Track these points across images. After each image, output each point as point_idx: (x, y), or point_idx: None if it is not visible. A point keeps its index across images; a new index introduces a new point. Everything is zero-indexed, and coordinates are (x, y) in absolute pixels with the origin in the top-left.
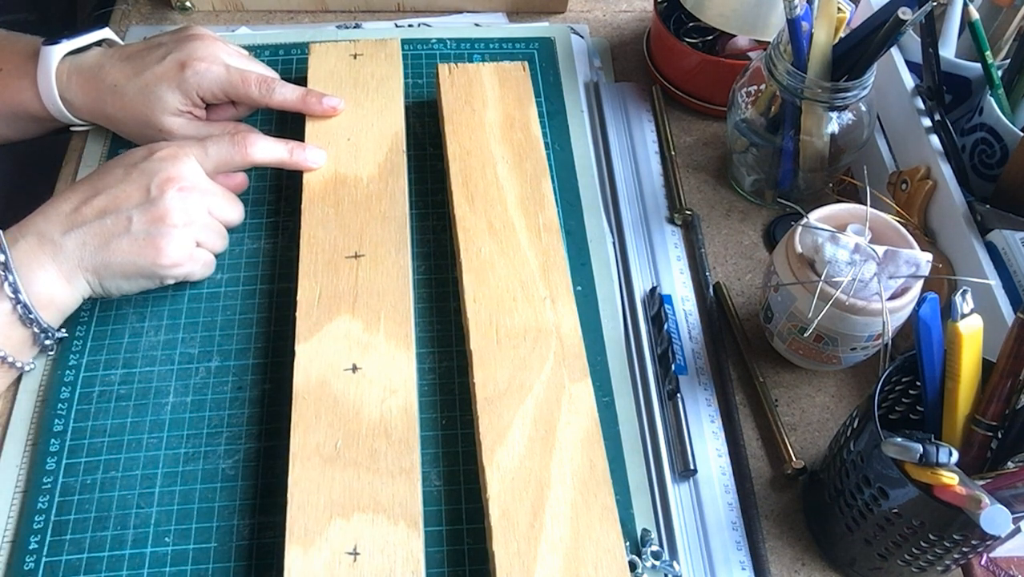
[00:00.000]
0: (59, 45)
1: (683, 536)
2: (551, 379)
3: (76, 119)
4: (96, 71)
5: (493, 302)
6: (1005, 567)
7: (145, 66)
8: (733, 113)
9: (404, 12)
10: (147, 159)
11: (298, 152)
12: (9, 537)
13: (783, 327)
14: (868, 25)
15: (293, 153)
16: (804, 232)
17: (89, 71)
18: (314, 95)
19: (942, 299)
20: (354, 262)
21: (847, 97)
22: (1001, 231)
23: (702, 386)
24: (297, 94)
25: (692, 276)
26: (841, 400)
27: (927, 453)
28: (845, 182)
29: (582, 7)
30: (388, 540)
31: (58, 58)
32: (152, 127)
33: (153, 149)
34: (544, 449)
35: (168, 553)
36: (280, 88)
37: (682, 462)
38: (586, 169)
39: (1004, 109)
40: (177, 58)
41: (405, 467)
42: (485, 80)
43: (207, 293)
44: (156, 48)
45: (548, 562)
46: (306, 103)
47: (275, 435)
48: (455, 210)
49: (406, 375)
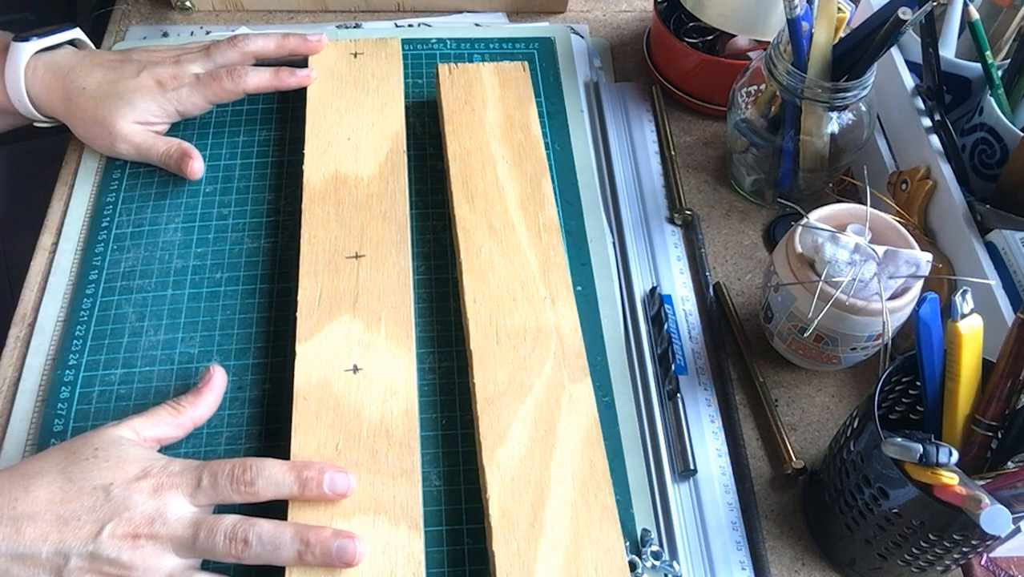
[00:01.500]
0: (30, 43)
1: (683, 536)
2: (551, 379)
3: (39, 115)
4: (67, 72)
5: (493, 302)
6: (1005, 567)
7: (120, 77)
8: (733, 113)
9: (404, 12)
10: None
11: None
12: None
13: (783, 327)
14: (868, 25)
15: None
16: (804, 232)
17: (59, 70)
18: (285, 71)
19: (942, 299)
20: (354, 262)
21: (847, 97)
22: (1001, 231)
23: (702, 386)
24: (268, 74)
25: (692, 276)
26: (841, 400)
27: (927, 453)
28: (845, 182)
29: (582, 7)
30: (389, 541)
31: (28, 55)
32: (106, 128)
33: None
34: (544, 449)
35: None
36: (252, 74)
37: (682, 462)
38: (586, 169)
39: (1004, 109)
40: (153, 75)
41: (406, 468)
42: (485, 80)
43: (207, 293)
44: (128, 63)
45: (548, 562)
46: (280, 79)
47: (275, 435)
48: (455, 210)
49: (407, 376)
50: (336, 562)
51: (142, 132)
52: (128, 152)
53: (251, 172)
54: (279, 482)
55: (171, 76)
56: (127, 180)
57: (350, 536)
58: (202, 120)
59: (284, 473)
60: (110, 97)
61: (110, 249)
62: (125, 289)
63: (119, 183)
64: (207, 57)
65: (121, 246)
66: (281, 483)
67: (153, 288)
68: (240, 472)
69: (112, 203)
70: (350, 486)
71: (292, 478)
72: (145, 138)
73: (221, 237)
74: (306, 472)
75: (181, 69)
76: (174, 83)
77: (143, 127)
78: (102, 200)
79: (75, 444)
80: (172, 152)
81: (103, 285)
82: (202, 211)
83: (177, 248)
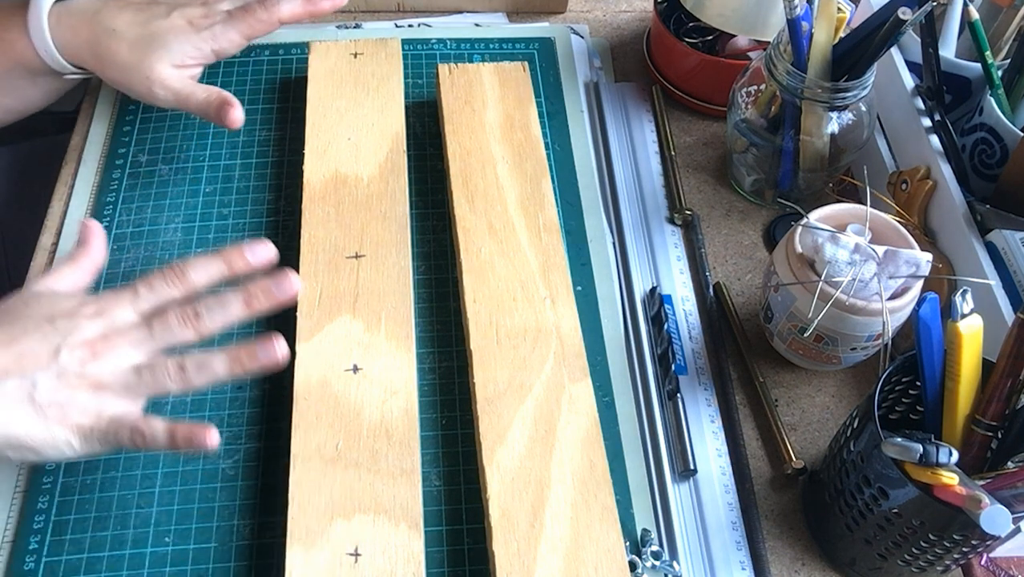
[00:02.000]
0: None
1: (683, 536)
2: (551, 379)
3: (68, 64)
4: (92, 15)
5: (493, 302)
6: (1005, 567)
7: (150, 18)
8: (733, 113)
9: (404, 12)
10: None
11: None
12: (9, 537)
13: (783, 327)
14: (868, 25)
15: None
16: (804, 232)
17: (83, 14)
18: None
19: (942, 299)
20: (355, 262)
21: (847, 97)
22: (1001, 231)
23: (702, 386)
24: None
25: (692, 276)
26: (841, 400)
27: (927, 453)
28: (845, 182)
29: (582, 7)
30: (389, 541)
31: (49, 4)
32: (142, 72)
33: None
34: (544, 449)
35: (168, 553)
36: (285, 2)
37: (682, 462)
38: (586, 169)
39: (1004, 109)
40: (184, 15)
41: (406, 468)
42: (485, 80)
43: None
44: (156, 4)
45: (548, 562)
46: (314, 4)
47: (275, 435)
48: (455, 210)
49: (407, 376)
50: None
51: (180, 77)
52: (166, 98)
53: (251, 172)
54: (208, 267)
55: (202, 15)
56: (127, 180)
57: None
58: (202, 120)
59: (209, 259)
60: (143, 39)
61: (110, 249)
62: None
63: (119, 183)
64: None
65: (121, 246)
66: (210, 267)
67: None
68: (169, 269)
69: (112, 203)
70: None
71: (218, 259)
72: (185, 84)
73: (221, 237)
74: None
75: (210, 7)
76: (206, 21)
77: (180, 71)
78: (102, 200)
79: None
80: (212, 99)
81: (103, 285)
82: (202, 211)
83: (177, 248)
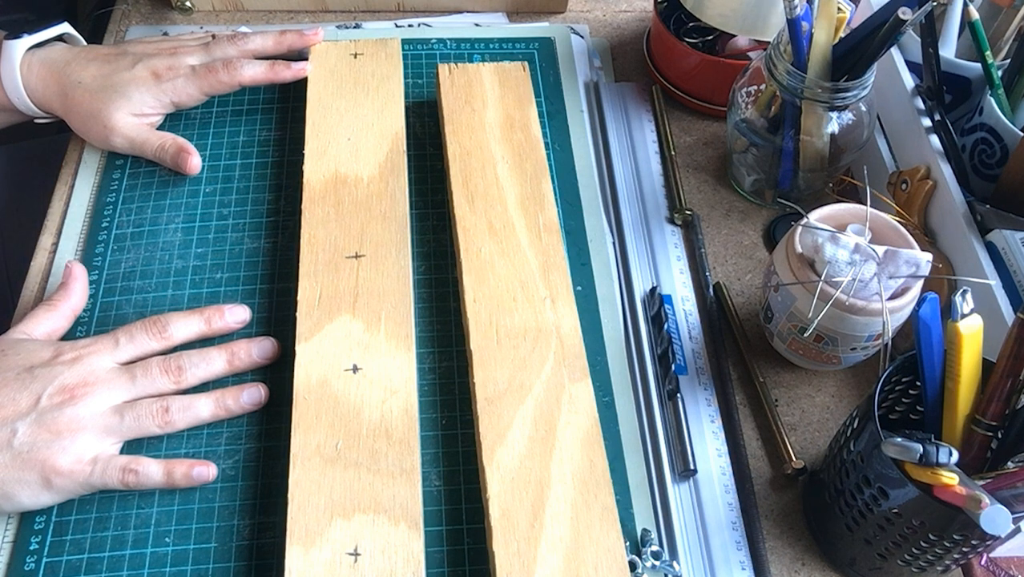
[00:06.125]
0: (22, 40)
1: (683, 536)
2: (551, 379)
3: (38, 111)
4: (62, 66)
5: (493, 302)
6: (1005, 567)
7: (115, 70)
8: (733, 113)
9: (404, 12)
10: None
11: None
12: (10, 537)
13: (783, 327)
14: (868, 25)
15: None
16: (804, 232)
17: (54, 65)
18: (281, 64)
19: (942, 299)
20: (354, 262)
21: (847, 97)
22: (1001, 231)
23: (702, 386)
24: (264, 66)
25: (692, 276)
26: (841, 400)
27: (927, 453)
28: (845, 182)
29: (582, 7)
30: (389, 541)
31: (22, 51)
32: (100, 121)
33: (60, 351)
34: (544, 449)
35: (168, 553)
36: (248, 66)
37: (682, 462)
38: (586, 169)
39: (1004, 109)
40: (148, 67)
41: (406, 468)
42: (485, 80)
43: (207, 293)
44: (123, 56)
45: (548, 562)
46: (275, 72)
47: (275, 435)
48: (455, 210)
49: (407, 376)
50: (260, 360)
51: (136, 126)
52: (123, 146)
53: (251, 172)
54: (188, 324)
55: (167, 67)
56: (127, 180)
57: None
58: (202, 120)
59: (189, 315)
60: (105, 90)
61: (110, 249)
62: (125, 289)
63: (119, 183)
64: (204, 51)
65: (121, 246)
66: (190, 324)
67: (153, 288)
68: (151, 323)
69: (112, 203)
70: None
71: (197, 317)
72: (139, 132)
73: (221, 237)
74: (208, 311)
75: (177, 60)
76: (170, 74)
77: (138, 120)
78: (102, 200)
79: None
80: (167, 147)
81: (103, 285)
82: (202, 211)
83: (177, 248)
